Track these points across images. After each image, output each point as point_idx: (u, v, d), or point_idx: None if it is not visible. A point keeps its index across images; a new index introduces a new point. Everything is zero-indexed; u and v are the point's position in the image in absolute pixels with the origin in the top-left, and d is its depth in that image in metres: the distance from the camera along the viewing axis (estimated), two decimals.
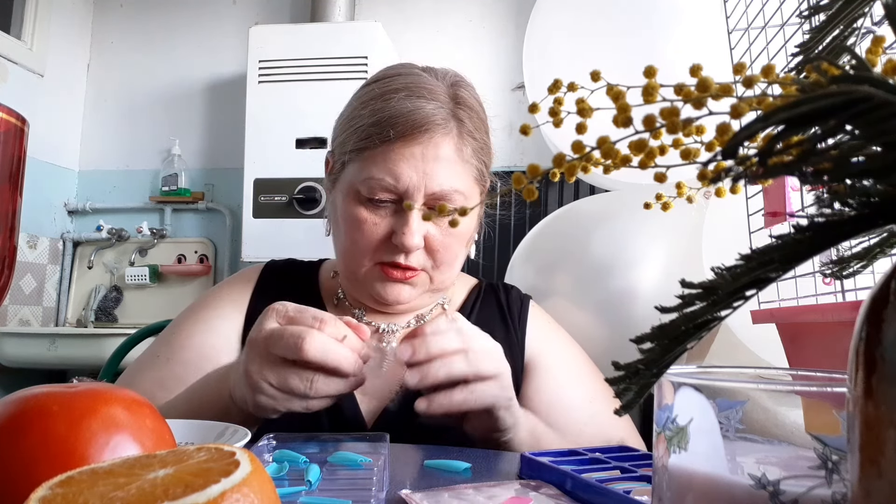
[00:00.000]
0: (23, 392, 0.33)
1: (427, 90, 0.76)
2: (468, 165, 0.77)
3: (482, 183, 0.81)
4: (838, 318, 0.53)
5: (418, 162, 0.73)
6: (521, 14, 2.45)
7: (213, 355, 0.80)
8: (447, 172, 0.74)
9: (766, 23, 0.65)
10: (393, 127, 0.73)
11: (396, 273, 0.75)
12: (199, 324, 0.83)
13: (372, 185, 0.74)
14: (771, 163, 0.20)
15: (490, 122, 0.84)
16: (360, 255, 0.77)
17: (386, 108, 0.74)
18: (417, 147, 0.73)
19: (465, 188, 0.76)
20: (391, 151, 0.73)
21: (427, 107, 0.74)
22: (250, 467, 0.25)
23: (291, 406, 0.60)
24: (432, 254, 0.76)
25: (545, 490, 0.47)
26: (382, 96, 0.76)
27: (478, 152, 0.78)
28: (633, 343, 0.25)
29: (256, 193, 2.24)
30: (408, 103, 0.74)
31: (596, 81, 0.27)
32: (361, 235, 0.75)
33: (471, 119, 0.78)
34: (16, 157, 0.38)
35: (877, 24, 0.38)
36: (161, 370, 0.80)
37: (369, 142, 0.74)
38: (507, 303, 0.89)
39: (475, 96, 0.82)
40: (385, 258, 0.76)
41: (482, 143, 0.79)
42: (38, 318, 2.58)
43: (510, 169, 2.35)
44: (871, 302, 0.19)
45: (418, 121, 0.73)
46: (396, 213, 0.75)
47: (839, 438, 0.25)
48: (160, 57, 2.78)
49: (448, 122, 0.75)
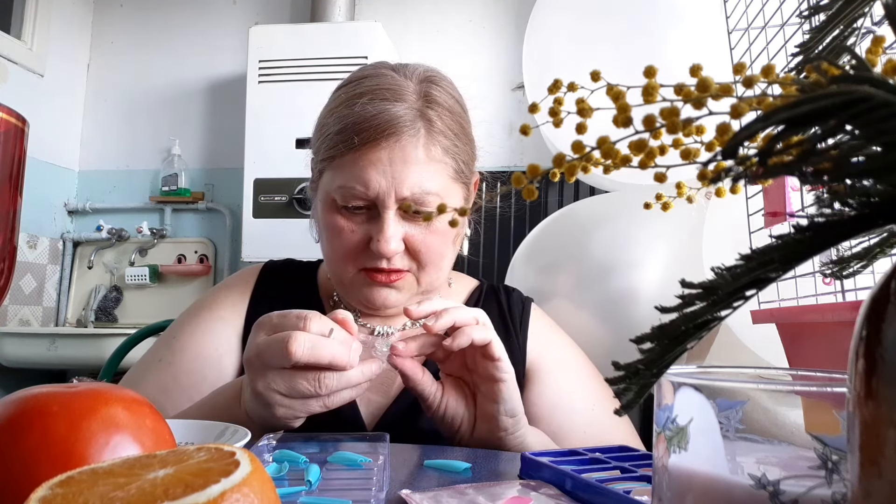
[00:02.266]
0: (23, 392, 0.33)
1: (392, 91, 0.74)
2: (441, 165, 0.75)
3: (463, 179, 0.79)
4: (838, 318, 0.53)
5: (386, 167, 0.72)
6: (521, 14, 2.45)
7: (214, 359, 0.80)
8: (417, 176, 0.72)
9: (766, 23, 0.65)
10: (357, 133, 0.72)
11: (381, 277, 0.75)
12: (200, 327, 0.83)
13: (344, 194, 0.73)
14: (771, 163, 0.20)
15: (490, 121, 0.84)
16: (342, 263, 0.76)
17: (350, 115, 0.73)
18: (383, 152, 0.72)
19: (438, 188, 0.74)
20: (359, 159, 0.72)
21: (391, 109, 0.72)
22: (250, 467, 0.25)
23: (311, 409, 0.59)
24: (415, 255, 0.75)
25: (545, 490, 0.47)
26: (347, 102, 0.75)
27: (450, 150, 0.76)
28: (633, 343, 0.25)
29: (256, 193, 2.24)
30: (370, 107, 0.72)
31: (596, 81, 0.27)
32: (340, 243, 0.75)
33: (441, 117, 0.75)
34: (16, 157, 0.38)
35: (877, 24, 0.38)
36: (163, 375, 0.79)
37: (336, 150, 0.74)
38: (509, 306, 0.88)
39: (451, 93, 0.80)
40: (367, 264, 0.75)
41: (457, 140, 0.77)
42: (38, 318, 2.58)
43: (510, 169, 2.35)
44: (871, 302, 0.19)
45: (381, 125, 0.72)
46: (372, 219, 0.74)
47: (839, 438, 0.25)
48: (160, 57, 2.78)
49: (415, 123, 0.73)
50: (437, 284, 0.81)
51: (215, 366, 0.79)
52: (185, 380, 0.77)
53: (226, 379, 0.79)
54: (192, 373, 0.78)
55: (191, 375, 0.78)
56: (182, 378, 0.78)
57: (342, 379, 0.58)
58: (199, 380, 0.78)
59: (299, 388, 0.57)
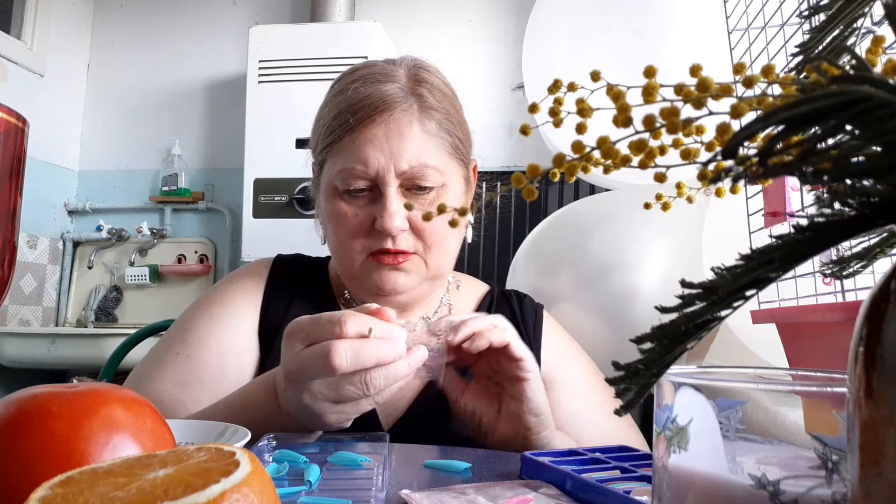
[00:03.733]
0: (23, 392, 0.33)
1: (383, 74, 0.76)
2: (437, 139, 0.76)
3: (461, 156, 0.80)
4: (838, 318, 0.53)
5: (382, 142, 0.73)
6: (521, 14, 2.45)
7: (233, 355, 0.79)
8: (415, 149, 0.74)
9: (766, 23, 0.65)
10: (352, 115, 0.74)
11: (388, 259, 0.75)
12: (216, 321, 0.81)
13: (344, 177, 0.74)
14: (771, 163, 0.20)
15: (490, 121, 0.84)
16: (350, 250, 0.76)
17: (344, 100, 0.75)
18: (379, 128, 0.74)
19: (438, 163, 0.75)
20: (355, 139, 0.74)
21: (383, 88, 0.74)
22: (250, 467, 0.25)
23: (362, 409, 0.59)
24: (420, 234, 0.75)
25: (545, 490, 0.47)
26: (342, 91, 0.77)
27: (444, 124, 0.77)
28: (633, 343, 0.25)
29: (256, 193, 2.24)
30: (363, 89, 0.75)
31: (596, 81, 0.27)
32: (345, 228, 0.76)
33: (431, 94, 0.77)
34: (16, 157, 0.38)
35: (877, 24, 0.38)
36: (181, 369, 0.77)
37: (334, 136, 0.76)
38: (522, 313, 0.88)
39: (439, 77, 0.81)
40: (374, 246, 0.75)
41: (450, 117, 0.78)
42: (38, 318, 2.58)
43: (510, 169, 2.35)
44: (871, 302, 0.19)
45: (374, 102, 0.73)
46: (374, 200, 0.75)
47: (839, 438, 0.25)
48: (160, 57, 2.78)
49: (407, 99, 0.75)
50: (445, 269, 0.81)
51: (234, 361, 0.78)
52: (206, 374, 0.76)
53: (245, 375, 0.78)
54: (212, 367, 0.77)
55: (212, 370, 0.76)
56: (202, 372, 0.77)
57: (389, 375, 0.57)
58: (220, 374, 0.77)
59: (348, 394, 0.56)
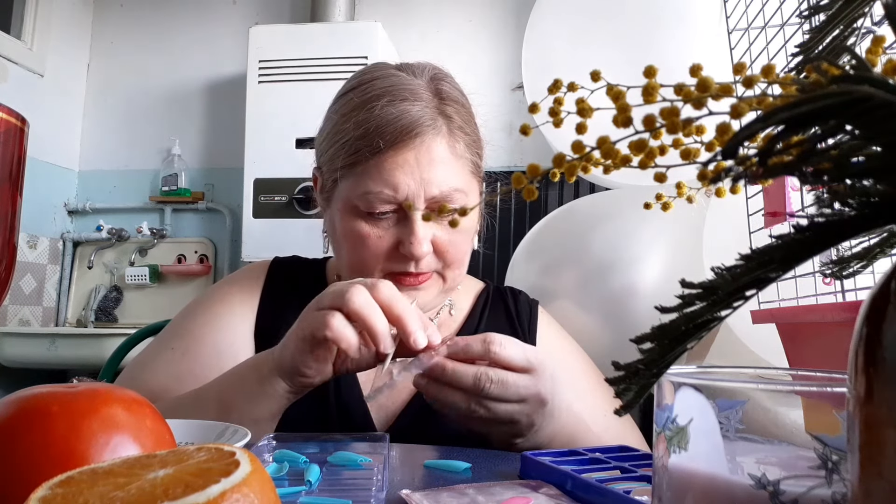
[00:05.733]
0: (23, 392, 0.33)
1: (409, 90, 0.74)
2: (463, 160, 0.76)
3: (479, 174, 0.80)
4: (838, 318, 0.53)
5: (414, 168, 0.71)
6: (521, 14, 2.45)
7: (228, 353, 0.79)
8: (444, 174, 0.73)
9: (766, 23, 0.65)
10: (381, 136, 0.71)
11: (409, 280, 0.74)
12: (214, 320, 0.82)
13: (370, 200, 0.72)
14: (771, 163, 0.20)
15: (489, 121, 0.84)
16: (368, 271, 0.75)
17: (371, 118, 0.72)
18: (410, 153, 0.71)
19: (463, 185, 0.75)
20: (384, 162, 0.71)
21: (412, 109, 0.72)
22: (250, 467, 0.25)
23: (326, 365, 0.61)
24: (442, 255, 0.75)
25: (545, 490, 0.47)
26: (364, 106, 0.73)
27: (470, 146, 0.77)
28: (633, 343, 0.25)
29: (256, 193, 2.24)
30: (392, 109, 0.71)
31: (596, 81, 0.27)
32: (367, 251, 0.74)
33: (458, 113, 0.76)
34: (16, 157, 0.38)
35: (877, 24, 0.38)
36: (177, 364, 0.78)
37: (359, 156, 0.72)
38: (517, 309, 0.88)
39: (457, 87, 0.80)
40: (395, 268, 0.74)
41: (473, 135, 0.78)
42: (38, 318, 2.58)
43: (510, 169, 2.35)
44: (871, 302, 0.19)
45: (406, 126, 0.71)
46: (399, 222, 0.73)
47: (839, 438, 0.25)
48: (160, 57, 2.78)
49: (436, 121, 0.73)
50: (459, 281, 0.81)
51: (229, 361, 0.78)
52: (201, 371, 0.76)
53: None
54: (207, 364, 0.77)
55: (206, 367, 0.77)
56: (197, 368, 0.77)
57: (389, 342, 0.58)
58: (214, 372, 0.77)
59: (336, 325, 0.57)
